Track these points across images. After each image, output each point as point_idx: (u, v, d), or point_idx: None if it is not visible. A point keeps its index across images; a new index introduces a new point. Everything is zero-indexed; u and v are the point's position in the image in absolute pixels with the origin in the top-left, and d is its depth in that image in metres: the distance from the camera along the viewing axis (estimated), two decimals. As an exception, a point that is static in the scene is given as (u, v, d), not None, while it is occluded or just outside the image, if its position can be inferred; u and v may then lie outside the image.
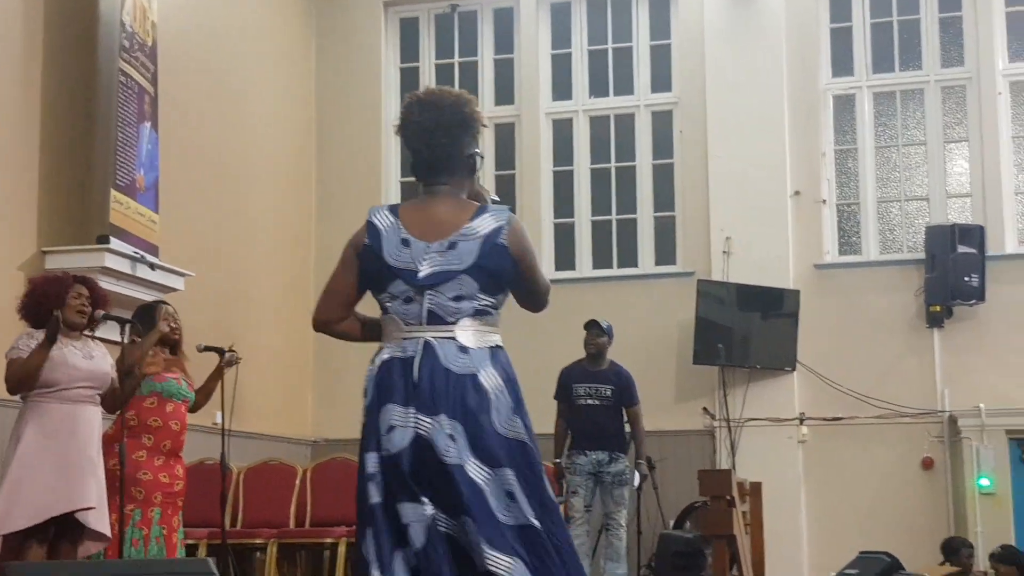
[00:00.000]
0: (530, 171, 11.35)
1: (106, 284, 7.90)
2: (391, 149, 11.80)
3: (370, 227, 3.25)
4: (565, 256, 11.43)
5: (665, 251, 11.29)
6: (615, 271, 11.34)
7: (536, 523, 3.07)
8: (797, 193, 10.87)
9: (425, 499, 3.07)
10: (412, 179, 11.62)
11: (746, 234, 10.75)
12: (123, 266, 8.14)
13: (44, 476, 5.45)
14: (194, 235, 9.57)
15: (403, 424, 3.11)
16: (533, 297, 3.32)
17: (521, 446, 3.12)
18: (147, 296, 7.88)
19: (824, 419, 10.60)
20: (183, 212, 9.34)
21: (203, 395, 6.52)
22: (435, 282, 3.13)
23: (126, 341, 5.86)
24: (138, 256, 8.25)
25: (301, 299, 11.39)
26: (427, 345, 3.13)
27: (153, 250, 8.53)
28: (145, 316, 6.40)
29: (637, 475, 8.30)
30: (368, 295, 3.41)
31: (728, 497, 8.49)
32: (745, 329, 10.68)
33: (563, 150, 11.58)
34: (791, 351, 10.64)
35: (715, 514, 8.49)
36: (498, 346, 3.21)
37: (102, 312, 5.98)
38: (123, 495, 5.61)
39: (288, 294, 11.18)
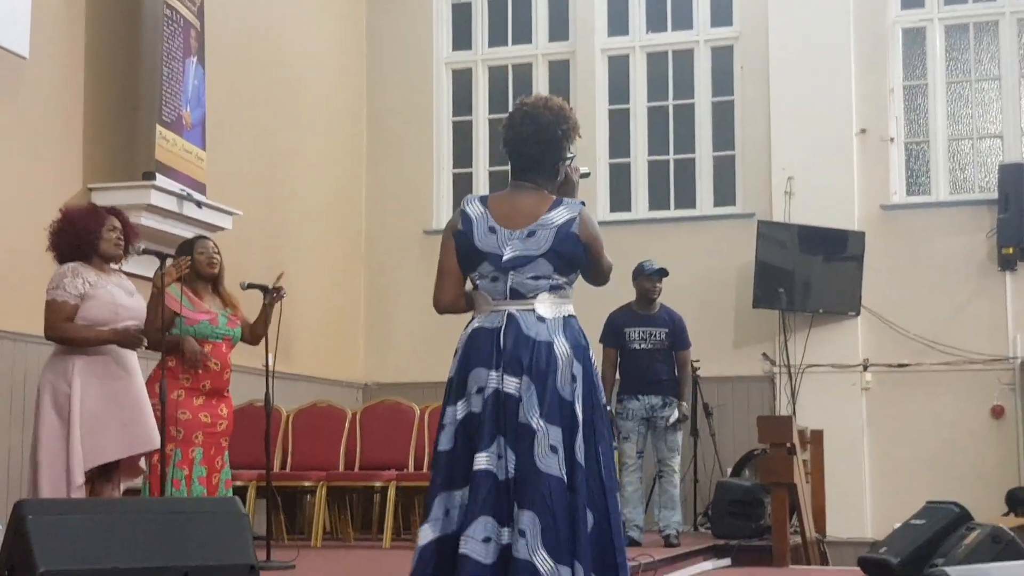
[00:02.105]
0: (585, 110, 11.01)
1: (152, 222, 7.81)
2: (442, 87, 11.63)
3: (463, 216, 3.76)
4: (620, 197, 11.19)
5: (724, 192, 11.03)
6: (672, 212, 11.11)
7: (564, 478, 3.50)
8: (863, 131, 10.55)
9: (499, 450, 3.52)
10: (463, 118, 11.48)
11: (809, 174, 10.45)
12: (169, 204, 8.00)
13: (111, 417, 5.32)
14: (242, 173, 9.42)
15: (489, 384, 3.58)
16: (598, 276, 3.85)
17: (571, 407, 3.56)
18: (193, 235, 7.72)
19: (889, 365, 10.32)
20: (231, 150, 9.19)
21: (253, 336, 6.35)
22: (516, 264, 3.65)
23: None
24: (184, 194, 8.11)
25: (351, 241, 11.25)
26: (510, 316, 3.64)
27: (200, 188, 8.39)
28: (184, 251, 6.26)
29: (676, 412, 8.06)
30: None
31: (788, 444, 8.28)
32: (807, 272, 10.39)
33: (619, 88, 11.32)
34: (855, 295, 10.35)
35: (774, 462, 8.30)
36: (571, 316, 3.71)
37: (143, 246, 5.81)
38: (164, 435, 5.46)
39: (338, 235, 11.03)
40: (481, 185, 11.54)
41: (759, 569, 8.01)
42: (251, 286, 6.47)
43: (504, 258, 3.67)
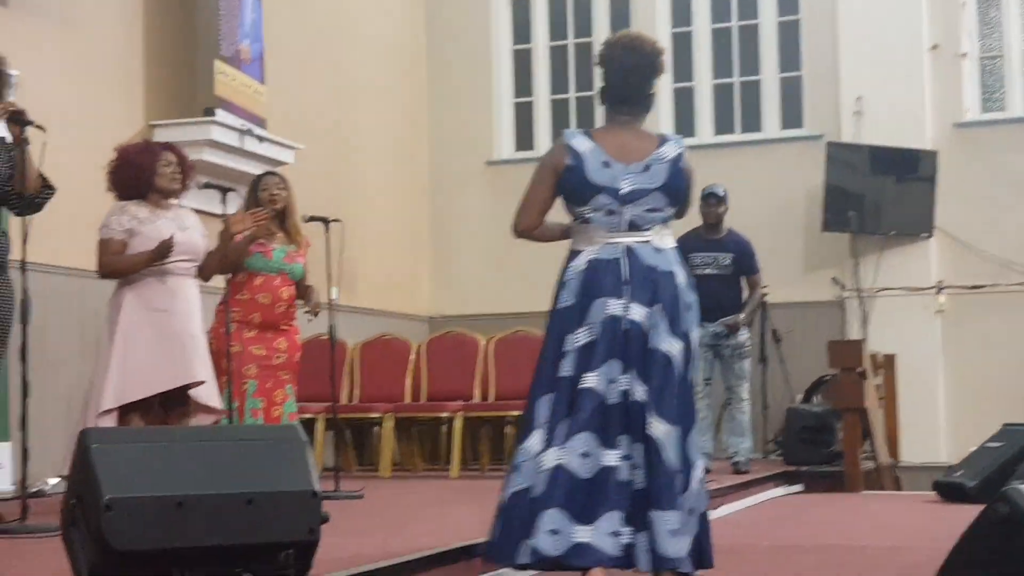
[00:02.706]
0: (646, 33, 10.83)
1: (214, 157, 7.82)
2: (502, 15, 11.50)
3: (570, 150, 3.82)
4: (684, 122, 11.01)
5: (791, 113, 10.84)
6: (738, 136, 10.96)
7: (686, 396, 3.72)
8: (935, 47, 10.30)
9: (617, 372, 3.66)
10: (523, 47, 11.28)
11: (879, 93, 10.21)
12: (230, 139, 8.01)
13: (149, 351, 5.34)
14: (303, 107, 9.38)
15: (612, 312, 3.69)
16: (686, 209, 3.98)
17: (687, 335, 3.75)
18: (255, 169, 7.71)
19: (964, 287, 10.13)
20: (292, 84, 9.15)
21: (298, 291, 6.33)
22: (634, 198, 3.76)
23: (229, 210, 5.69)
24: (245, 128, 8.10)
25: (414, 174, 11.20)
26: (629, 248, 3.75)
27: (260, 122, 8.38)
28: (250, 188, 6.27)
29: (731, 322, 7.85)
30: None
31: (859, 369, 8.16)
32: (878, 194, 10.19)
33: (681, 10, 11.11)
34: (928, 216, 10.14)
35: (845, 387, 8.20)
36: (675, 247, 3.87)
37: (204, 180, 5.80)
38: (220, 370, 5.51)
39: (401, 167, 10.98)
40: (543, 115, 11.42)
41: (832, 495, 7.93)
42: (312, 219, 6.45)
43: (622, 191, 3.77)
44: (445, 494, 6.74)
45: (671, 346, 3.69)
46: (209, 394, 5.54)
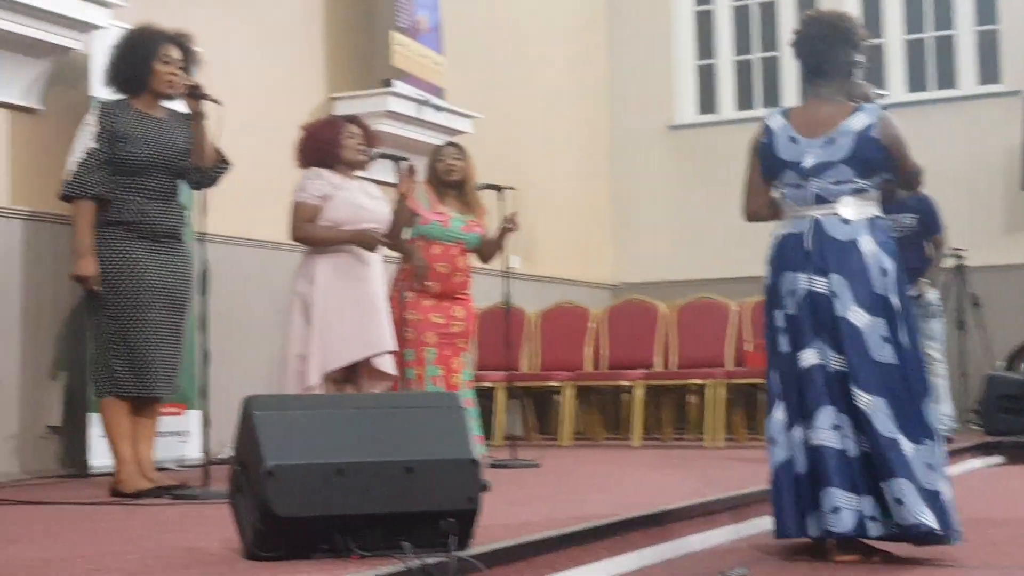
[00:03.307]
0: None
1: (392, 128, 7.89)
2: (681, -17, 11.26)
3: (766, 129, 3.98)
4: (874, 80, 10.54)
5: (988, 69, 10.32)
6: (932, 93, 10.50)
7: (900, 364, 3.74)
8: None
9: (821, 344, 3.77)
10: (705, 8, 11.06)
11: (1084, 42, 9.61)
12: (408, 109, 8.07)
13: (347, 321, 5.44)
14: (481, 76, 9.38)
15: (800, 286, 3.81)
16: (905, 179, 3.99)
17: (886, 300, 3.77)
18: (433, 139, 7.78)
19: None
20: (469, 53, 9.16)
21: (480, 256, 6.33)
22: (818, 171, 3.84)
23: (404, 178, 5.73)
24: (423, 99, 8.14)
25: (594, 139, 11.10)
26: (815, 221, 3.83)
27: (438, 92, 8.41)
28: (431, 158, 6.31)
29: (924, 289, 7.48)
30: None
31: (1066, 333, 7.73)
32: (1083, 148, 9.61)
33: (872, -36, 10.68)
34: None
35: (1051, 352, 7.76)
36: (877, 216, 3.88)
37: (377, 150, 5.85)
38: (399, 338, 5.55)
39: (581, 134, 10.89)
40: (726, 76, 11.16)
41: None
42: (486, 186, 6.44)
43: (805, 165, 3.86)
44: (624, 464, 6.66)
45: (857, 316, 3.74)
46: (387, 361, 5.62)
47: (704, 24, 11.29)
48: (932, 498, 3.66)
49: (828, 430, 3.71)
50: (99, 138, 4.87)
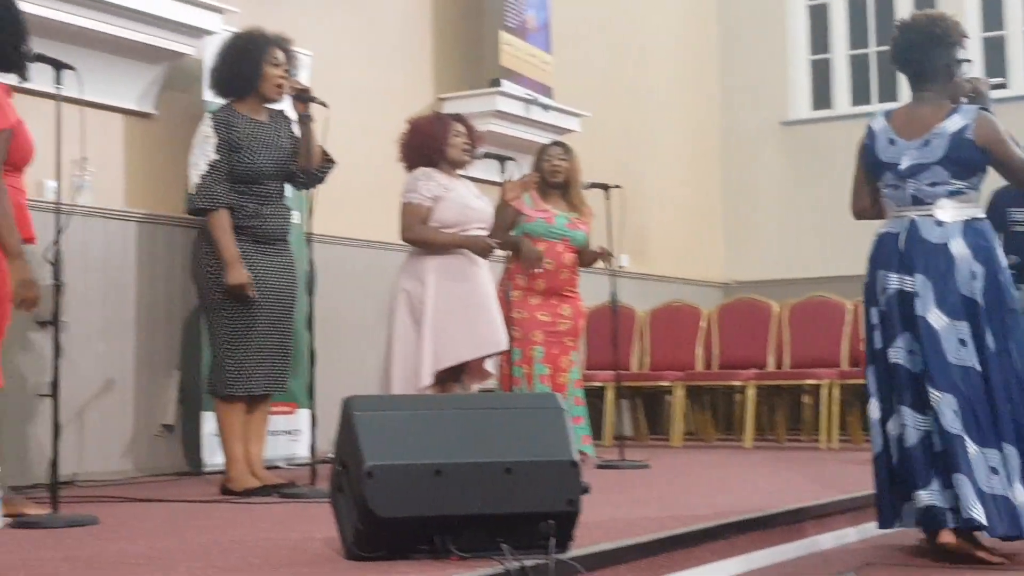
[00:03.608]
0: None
1: (500, 127, 7.88)
2: (794, -23, 11.06)
3: (869, 131, 4.07)
4: (995, 73, 10.26)
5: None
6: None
7: (978, 367, 3.76)
8: None
9: (906, 342, 3.85)
10: (819, 1, 10.83)
11: None
12: (516, 109, 8.06)
13: (459, 321, 5.44)
14: (589, 75, 9.33)
15: (890, 285, 3.90)
16: (1011, 176, 4.00)
17: (974, 303, 3.80)
18: (542, 139, 7.75)
19: None
20: (578, 52, 9.13)
21: (586, 259, 6.31)
22: (913, 173, 3.90)
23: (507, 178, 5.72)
24: (531, 98, 8.13)
25: (705, 136, 10.97)
26: (911, 222, 3.91)
27: (546, 91, 8.39)
28: (536, 157, 6.30)
29: None
30: None
31: None
32: None
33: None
34: None
35: None
36: (975, 218, 3.91)
37: (482, 150, 5.84)
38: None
39: (691, 131, 10.77)
40: (841, 71, 10.94)
41: None
42: (592, 185, 6.40)
43: (901, 167, 3.93)
44: (736, 465, 6.56)
45: (935, 317, 3.80)
46: (490, 360, 5.62)
47: (818, 17, 11.08)
48: (994, 501, 3.67)
49: (912, 427, 3.80)
50: (219, 149, 4.91)
